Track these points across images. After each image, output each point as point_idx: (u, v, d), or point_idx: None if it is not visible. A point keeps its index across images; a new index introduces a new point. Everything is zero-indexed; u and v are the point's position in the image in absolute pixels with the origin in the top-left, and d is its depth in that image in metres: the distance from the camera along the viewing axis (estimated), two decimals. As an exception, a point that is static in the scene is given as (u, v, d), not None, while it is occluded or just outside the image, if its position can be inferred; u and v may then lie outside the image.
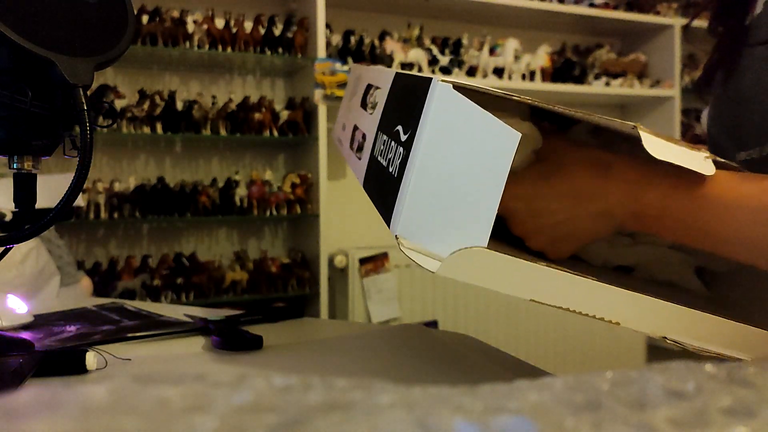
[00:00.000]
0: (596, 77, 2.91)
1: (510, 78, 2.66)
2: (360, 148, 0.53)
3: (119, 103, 2.19)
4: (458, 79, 0.39)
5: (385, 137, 0.43)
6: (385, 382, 0.21)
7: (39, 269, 1.50)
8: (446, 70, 2.59)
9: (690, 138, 2.91)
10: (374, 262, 2.40)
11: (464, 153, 0.36)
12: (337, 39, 2.52)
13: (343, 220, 2.52)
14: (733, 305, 0.49)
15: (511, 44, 2.65)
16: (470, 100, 0.36)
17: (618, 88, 2.89)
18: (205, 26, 2.27)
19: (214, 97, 2.36)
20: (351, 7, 2.60)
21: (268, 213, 2.36)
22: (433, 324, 2.41)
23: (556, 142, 0.48)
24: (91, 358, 0.55)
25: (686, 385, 0.22)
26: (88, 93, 0.49)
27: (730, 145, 0.56)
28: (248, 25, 2.35)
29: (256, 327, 0.73)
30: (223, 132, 2.32)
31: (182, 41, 2.25)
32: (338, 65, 2.34)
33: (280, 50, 2.36)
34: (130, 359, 0.59)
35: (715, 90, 0.61)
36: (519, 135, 0.34)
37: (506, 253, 0.37)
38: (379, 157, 0.44)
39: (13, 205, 0.53)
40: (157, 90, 2.27)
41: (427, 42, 2.65)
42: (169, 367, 0.58)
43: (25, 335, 0.67)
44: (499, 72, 2.66)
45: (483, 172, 0.36)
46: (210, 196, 2.29)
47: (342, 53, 2.46)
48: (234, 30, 2.31)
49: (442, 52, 2.64)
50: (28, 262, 1.47)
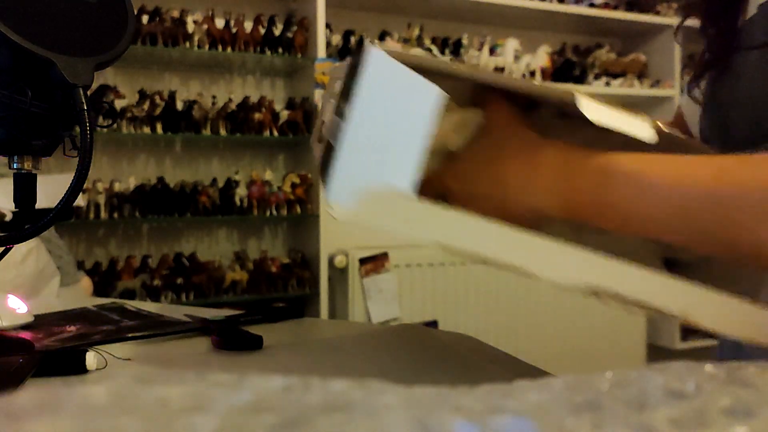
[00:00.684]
0: (596, 77, 2.91)
1: (510, 78, 2.66)
2: (321, 139, 0.53)
3: (119, 103, 2.19)
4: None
5: (337, 118, 0.43)
6: (385, 382, 0.21)
7: (39, 269, 1.50)
8: (446, 70, 2.59)
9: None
10: (374, 262, 2.40)
11: (392, 113, 0.37)
12: (337, 39, 2.52)
13: (343, 220, 2.52)
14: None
15: (511, 44, 2.65)
16: (398, 62, 0.37)
17: (618, 88, 2.89)
18: (205, 26, 2.28)
19: (214, 97, 2.36)
20: (351, 7, 2.60)
21: (268, 213, 2.36)
22: (433, 324, 2.41)
23: (516, 126, 0.45)
24: (91, 358, 0.55)
25: (686, 386, 0.22)
26: (88, 93, 0.49)
27: (721, 148, 0.56)
28: (248, 25, 2.35)
29: (256, 327, 0.73)
30: (223, 132, 2.32)
31: (182, 41, 2.25)
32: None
33: (280, 50, 2.36)
34: (130, 359, 0.59)
35: (705, 91, 0.60)
36: (440, 90, 0.35)
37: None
38: (331, 140, 0.44)
39: (13, 205, 0.53)
40: (157, 90, 2.27)
41: (427, 42, 2.65)
42: (169, 367, 0.58)
43: (25, 335, 0.67)
44: (499, 72, 2.66)
45: (409, 128, 0.36)
46: (210, 196, 2.29)
47: (342, 53, 2.46)
48: (234, 30, 2.31)
49: (442, 52, 2.64)
50: (28, 262, 1.47)
